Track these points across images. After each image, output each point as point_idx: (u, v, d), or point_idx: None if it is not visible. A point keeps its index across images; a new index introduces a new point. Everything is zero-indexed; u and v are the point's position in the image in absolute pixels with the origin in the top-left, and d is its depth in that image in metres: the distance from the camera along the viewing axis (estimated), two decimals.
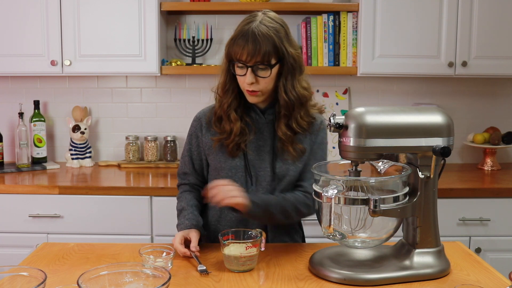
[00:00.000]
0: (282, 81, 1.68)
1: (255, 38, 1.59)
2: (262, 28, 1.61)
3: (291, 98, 1.68)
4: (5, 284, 1.19)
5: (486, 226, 2.59)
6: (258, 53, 1.59)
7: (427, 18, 2.76)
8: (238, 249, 1.48)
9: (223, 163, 1.74)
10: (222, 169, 1.74)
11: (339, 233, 1.41)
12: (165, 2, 2.84)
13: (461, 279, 1.45)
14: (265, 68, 1.63)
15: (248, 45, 1.59)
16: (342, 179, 1.40)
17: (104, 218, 2.56)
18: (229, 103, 1.71)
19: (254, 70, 1.62)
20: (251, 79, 1.62)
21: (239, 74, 1.65)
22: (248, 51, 1.59)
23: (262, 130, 1.74)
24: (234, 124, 1.70)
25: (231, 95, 1.71)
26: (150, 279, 1.22)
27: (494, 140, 2.98)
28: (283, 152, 1.73)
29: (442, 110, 1.48)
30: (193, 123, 1.83)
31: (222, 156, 1.74)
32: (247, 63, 1.61)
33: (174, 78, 3.12)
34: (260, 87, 1.65)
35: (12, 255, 2.35)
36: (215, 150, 1.75)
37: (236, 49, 1.61)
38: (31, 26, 2.74)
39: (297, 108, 1.70)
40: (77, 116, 3.03)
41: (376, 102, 3.13)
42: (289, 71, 1.67)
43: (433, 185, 1.46)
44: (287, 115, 1.70)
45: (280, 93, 1.68)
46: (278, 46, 1.62)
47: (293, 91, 1.68)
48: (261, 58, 1.60)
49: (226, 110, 1.71)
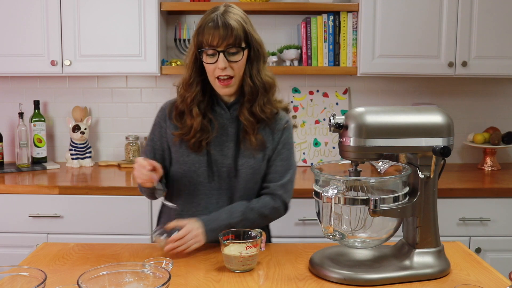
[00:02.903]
0: (248, 66, 1.69)
1: (225, 22, 1.60)
2: (229, 14, 1.63)
3: (256, 84, 1.68)
4: (5, 284, 1.19)
5: (486, 226, 2.59)
6: (231, 35, 1.60)
7: (427, 18, 2.76)
8: (238, 249, 1.48)
9: (186, 157, 1.73)
10: (184, 163, 1.74)
11: (339, 233, 1.41)
12: (165, 2, 2.84)
13: (461, 279, 1.45)
14: (237, 51, 1.63)
15: (219, 29, 1.59)
16: (342, 179, 1.40)
17: (104, 218, 2.56)
18: (192, 97, 1.70)
19: (226, 55, 1.62)
20: (223, 64, 1.61)
21: (210, 62, 1.64)
22: (220, 35, 1.59)
23: (226, 125, 1.74)
24: (194, 119, 1.69)
25: (195, 89, 1.70)
26: (150, 279, 1.22)
27: (494, 140, 2.98)
28: (245, 142, 1.72)
29: (442, 110, 1.48)
30: (158, 113, 1.82)
31: (185, 150, 1.73)
32: (218, 47, 1.61)
33: (174, 78, 3.08)
34: (233, 72, 1.64)
35: (12, 255, 2.35)
36: (176, 144, 1.74)
37: (206, 35, 1.61)
38: (31, 26, 2.74)
39: (261, 94, 1.70)
40: (77, 116, 3.03)
41: (376, 102, 3.13)
42: (255, 57, 1.69)
43: (433, 185, 1.46)
44: (251, 100, 1.70)
45: (246, 79, 1.68)
46: (247, 30, 1.64)
47: (258, 77, 1.69)
48: (233, 41, 1.61)
49: (189, 104, 1.70)
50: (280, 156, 1.76)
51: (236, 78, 1.67)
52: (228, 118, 1.74)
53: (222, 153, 1.73)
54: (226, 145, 1.73)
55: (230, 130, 1.73)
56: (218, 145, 1.73)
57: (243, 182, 1.74)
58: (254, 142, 1.71)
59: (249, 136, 1.71)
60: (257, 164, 1.74)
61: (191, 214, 1.74)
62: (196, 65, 1.69)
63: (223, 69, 1.63)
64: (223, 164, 1.73)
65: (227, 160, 1.73)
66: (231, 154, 1.73)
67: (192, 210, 1.76)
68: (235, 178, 1.73)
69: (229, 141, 1.73)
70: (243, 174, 1.73)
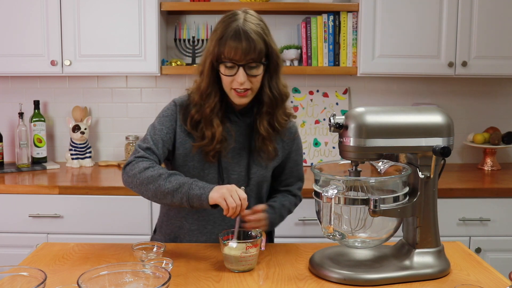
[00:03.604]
0: (267, 78, 1.65)
1: (248, 36, 1.54)
2: (251, 25, 1.57)
3: (275, 95, 1.66)
4: (5, 284, 1.19)
5: (486, 226, 2.59)
6: (253, 51, 1.55)
7: (427, 18, 2.76)
8: (238, 249, 1.48)
9: (196, 162, 1.69)
10: (194, 167, 1.69)
11: (339, 233, 1.41)
12: (165, 2, 2.84)
13: (461, 279, 1.45)
14: (257, 66, 1.59)
15: (242, 43, 1.54)
16: (342, 179, 1.40)
17: (104, 218, 2.56)
18: (211, 108, 1.63)
19: (246, 69, 1.57)
20: (243, 78, 1.57)
21: (228, 74, 1.58)
22: (242, 50, 1.54)
23: (239, 133, 1.71)
24: (216, 129, 1.63)
25: (213, 100, 1.63)
26: (150, 279, 1.22)
27: (494, 140, 2.98)
28: (260, 152, 1.70)
29: (442, 110, 1.48)
30: (170, 107, 1.72)
31: (195, 155, 1.68)
32: (239, 62, 1.56)
33: (174, 78, 3.12)
34: (251, 85, 1.60)
35: (12, 255, 2.35)
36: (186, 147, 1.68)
37: (228, 48, 1.55)
38: (31, 26, 2.74)
39: (279, 105, 1.68)
40: (77, 116, 3.03)
41: (376, 102, 3.13)
42: (274, 68, 1.65)
43: (433, 185, 1.46)
44: (270, 112, 1.67)
45: (265, 90, 1.64)
46: (267, 43, 1.60)
47: (276, 88, 1.66)
48: (256, 56, 1.56)
49: (208, 115, 1.64)
50: (295, 162, 1.82)
51: (253, 90, 1.63)
52: (240, 126, 1.71)
53: (234, 161, 1.70)
54: (239, 153, 1.71)
55: (242, 137, 1.71)
56: (230, 152, 1.69)
57: (254, 189, 1.73)
58: (272, 152, 1.71)
59: (266, 147, 1.69)
60: (267, 173, 1.75)
61: (195, 218, 1.73)
62: (213, 74, 1.62)
63: (242, 83, 1.58)
64: (234, 172, 1.71)
65: (239, 168, 1.71)
66: (244, 162, 1.71)
67: (197, 215, 1.74)
68: (246, 187, 1.69)
69: (241, 148, 1.71)
70: (254, 183, 1.72)
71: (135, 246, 1.52)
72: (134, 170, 1.60)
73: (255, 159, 1.71)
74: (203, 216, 1.73)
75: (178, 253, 1.61)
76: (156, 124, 1.70)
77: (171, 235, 1.79)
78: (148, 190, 1.57)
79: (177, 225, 1.77)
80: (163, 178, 1.55)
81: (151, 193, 1.57)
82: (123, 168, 1.66)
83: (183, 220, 1.76)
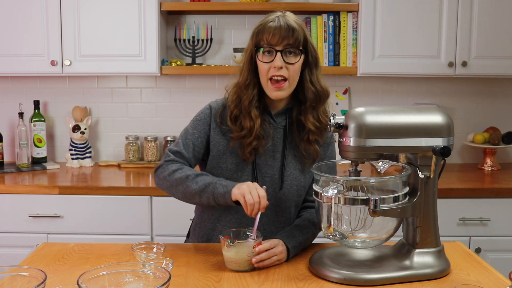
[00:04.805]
0: (307, 72, 1.66)
1: (286, 22, 1.59)
2: (290, 17, 1.62)
3: (319, 90, 1.66)
4: (5, 284, 1.19)
5: (486, 226, 2.59)
6: (292, 36, 1.57)
7: (427, 18, 2.76)
8: (239, 250, 1.47)
9: (230, 164, 1.68)
10: (227, 169, 1.68)
11: (339, 233, 1.41)
12: (165, 2, 2.84)
13: (461, 279, 1.45)
14: (295, 52, 1.60)
15: (280, 28, 1.57)
16: (342, 179, 1.40)
17: (104, 218, 2.56)
18: (250, 99, 1.64)
19: (283, 55, 1.59)
20: (280, 63, 1.57)
21: (266, 61, 1.60)
22: (280, 34, 1.57)
23: (274, 135, 1.70)
24: (255, 121, 1.63)
25: (252, 92, 1.64)
26: (150, 279, 1.22)
27: (494, 140, 2.98)
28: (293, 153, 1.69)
29: (442, 110, 1.48)
30: (204, 111, 1.73)
31: (229, 156, 1.69)
32: (277, 46, 1.58)
33: (174, 78, 3.12)
34: (288, 73, 1.60)
35: (12, 255, 2.36)
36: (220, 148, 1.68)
37: (266, 34, 1.58)
38: (31, 26, 2.74)
39: (322, 101, 1.68)
40: (77, 116, 3.03)
41: (376, 102, 3.13)
42: (313, 63, 1.66)
43: (433, 185, 1.46)
44: (315, 107, 1.67)
45: (307, 85, 1.65)
46: (306, 35, 1.63)
47: (318, 84, 1.67)
48: (293, 41, 1.58)
49: (247, 107, 1.64)
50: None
51: (290, 82, 1.61)
52: (276, 128, 1.70)
53: (268, 163, 1.69)
54: (272, 155, 1.69)
55: (276, 140, 1.70)
56: (264, 154, 1.68)
57: (288, 193, 1.70)
58: (313, 152, 1.68)
59: (311, 146, 1.67)
60: (301, 177, 1.71)
61: (228, 220, 1.72)
62: (251, 66, 1.64)
63: (279, 68, 1.58)
64: (267, 174, 1.69)
65: (272, 170, 1.69)
66: (278, 165, 1.69)
67: (229, 217, 1.72)
68: (279, 190, 1.69)
69: (276, 151, 1.70)
70: (288, 186, 1.70)
71: (135, 246, 1.52)
72: (164, 173, 1.66)
73: (289, 163, 1.70)
74: (236, 218, 1.71)
75: (178, 253, 1.62)
76: (189, 127, 1.74)
77: (204, 237, 1.78)
78: (177, 192, 1.64)
79: (210, 227, 1.76)
80: (190, 179, 1.60)
81: (180, 194, 1.64)
82: (154, 172, 1.71)
83: (216, 222, 1.75)
